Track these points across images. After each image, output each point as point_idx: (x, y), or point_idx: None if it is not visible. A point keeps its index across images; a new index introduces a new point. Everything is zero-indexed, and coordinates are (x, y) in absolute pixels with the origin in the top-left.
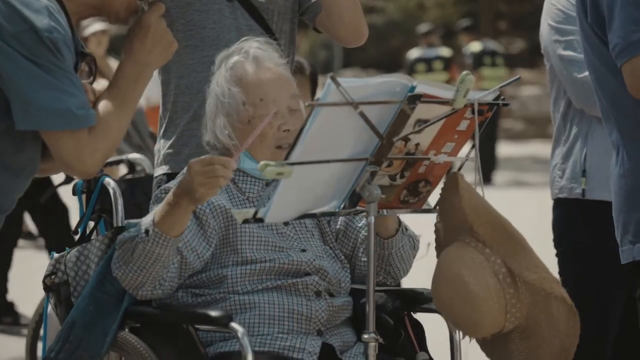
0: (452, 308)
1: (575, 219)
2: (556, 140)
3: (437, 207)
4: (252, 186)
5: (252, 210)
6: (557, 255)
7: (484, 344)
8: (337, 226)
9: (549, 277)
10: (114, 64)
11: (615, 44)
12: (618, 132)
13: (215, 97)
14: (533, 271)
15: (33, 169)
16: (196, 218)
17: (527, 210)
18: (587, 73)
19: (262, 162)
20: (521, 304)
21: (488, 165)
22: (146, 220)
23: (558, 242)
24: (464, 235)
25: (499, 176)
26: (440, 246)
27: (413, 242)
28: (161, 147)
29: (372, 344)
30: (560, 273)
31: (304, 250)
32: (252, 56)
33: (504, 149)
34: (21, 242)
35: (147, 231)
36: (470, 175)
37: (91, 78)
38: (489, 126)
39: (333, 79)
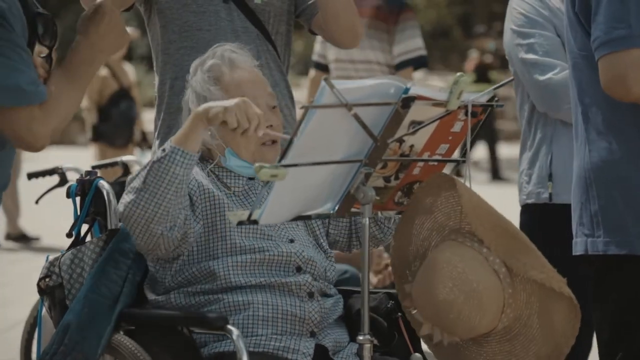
0: (451, 307)
1: (543, 224)
2: (522, 146)
3: (403, 216)
4: (236, 181)
5: (246, 213)
6: None
7: (439, 351)
8: None
9: (556, 276)
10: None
11: (596, 37)
12: (584, 124)
13: (195, 100)
14: (540, 271)
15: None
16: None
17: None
18: (549, 75)
19: (256, 164)
20: (516, 305)
21: (492, 165)
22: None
23: None
24: (455, 235)
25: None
26: (400, 257)
27: None
28: (156, 148)
29: (367, 346)
30: None
31: (291, 241)
32: (227, 59)
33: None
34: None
35: (163, 149)
36: (481, 175)
37: (52, 41)
38: (489, 128)
39: (327, 80)
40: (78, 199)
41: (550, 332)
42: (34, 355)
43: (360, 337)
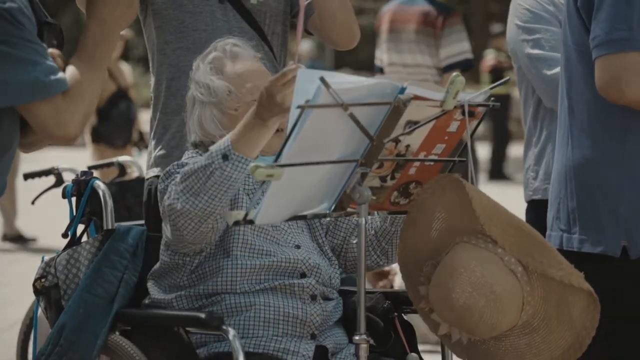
0: (472, 312)
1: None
2: (528, 142)
3: (408, 217)
4: (246, 179)
5: (242, 212)
6: None
7: (457, 348)
8: (327, 219)
9: (574, 272)
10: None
11: (596, 35)
12: (569, 119)
13: (198, 93)
14: (558, 268)
15: (14, 147)
16: None
17: (513, 209)
18: (557, 70)
19: (252, 164)
20: (534, 301)
21: (493, 164)
22: (215, 148)
23: None
24: (467, 237)
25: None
26: (407, 258)
27: None
28: (152, 149)
29: (363, 346)
30: None
31: (297, 247)
32: (229, 52)
33: None
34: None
35: (225, 156)
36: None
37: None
38: (502, 128)
39: (323, 80)
40: (74, 199)
41: (570, 325)
42: (30, 355)
43: (357, 337)
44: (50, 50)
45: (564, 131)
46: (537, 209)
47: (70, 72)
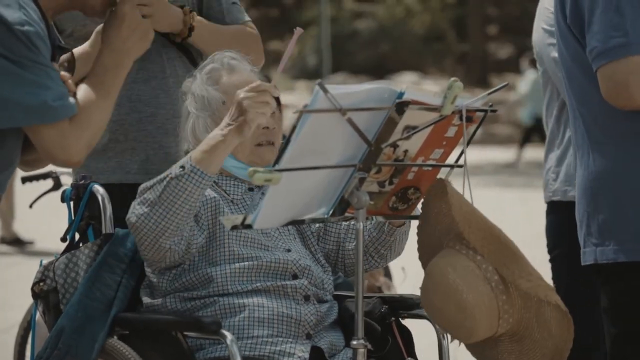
0: (445, 315)
1: (569, 222)
2: (550, 144)
3: (421, 215)
4: (235, 189)
5: (240, 217)
6: (550, 260)
7: (473, 347)
8: (317, 225)
9: (543, 284)
10: None
11: (593, 47)
12: (586, 134)
13: (193, 102)
14: (527, 279)
15: (14, 166)
16: None
17: (512, 214)
18: None
19: (250, 169)
20: (513, 309)
21: None
22: (178, 163)
23: (552, 246)
24: (453, 242)
25: (485, 180)
26: (424, 255)
27: (409, 224)
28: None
29: (361, 351)
30: (553, 278)
31: (288, 250)
32: (227, 64)
33: (491, 153)
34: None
35: (182, 167)
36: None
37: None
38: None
39: (321, 85)
40: (72, 203)
41: (549, 336)
42: (27, 359)
43: (354, 342)
44: (62, 73)
45: (583, 147)
46: (556, 212)
47: (79, 98)
